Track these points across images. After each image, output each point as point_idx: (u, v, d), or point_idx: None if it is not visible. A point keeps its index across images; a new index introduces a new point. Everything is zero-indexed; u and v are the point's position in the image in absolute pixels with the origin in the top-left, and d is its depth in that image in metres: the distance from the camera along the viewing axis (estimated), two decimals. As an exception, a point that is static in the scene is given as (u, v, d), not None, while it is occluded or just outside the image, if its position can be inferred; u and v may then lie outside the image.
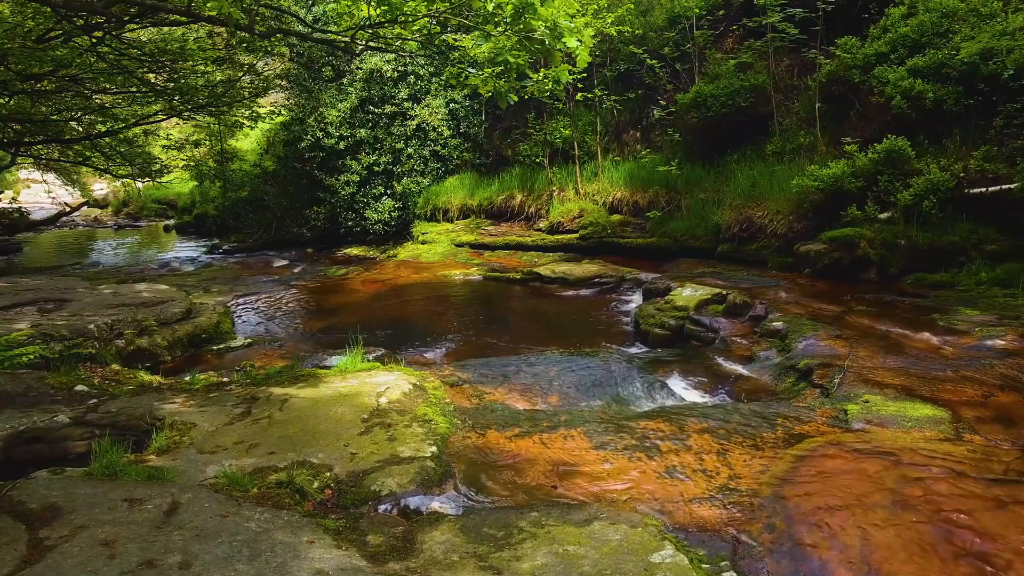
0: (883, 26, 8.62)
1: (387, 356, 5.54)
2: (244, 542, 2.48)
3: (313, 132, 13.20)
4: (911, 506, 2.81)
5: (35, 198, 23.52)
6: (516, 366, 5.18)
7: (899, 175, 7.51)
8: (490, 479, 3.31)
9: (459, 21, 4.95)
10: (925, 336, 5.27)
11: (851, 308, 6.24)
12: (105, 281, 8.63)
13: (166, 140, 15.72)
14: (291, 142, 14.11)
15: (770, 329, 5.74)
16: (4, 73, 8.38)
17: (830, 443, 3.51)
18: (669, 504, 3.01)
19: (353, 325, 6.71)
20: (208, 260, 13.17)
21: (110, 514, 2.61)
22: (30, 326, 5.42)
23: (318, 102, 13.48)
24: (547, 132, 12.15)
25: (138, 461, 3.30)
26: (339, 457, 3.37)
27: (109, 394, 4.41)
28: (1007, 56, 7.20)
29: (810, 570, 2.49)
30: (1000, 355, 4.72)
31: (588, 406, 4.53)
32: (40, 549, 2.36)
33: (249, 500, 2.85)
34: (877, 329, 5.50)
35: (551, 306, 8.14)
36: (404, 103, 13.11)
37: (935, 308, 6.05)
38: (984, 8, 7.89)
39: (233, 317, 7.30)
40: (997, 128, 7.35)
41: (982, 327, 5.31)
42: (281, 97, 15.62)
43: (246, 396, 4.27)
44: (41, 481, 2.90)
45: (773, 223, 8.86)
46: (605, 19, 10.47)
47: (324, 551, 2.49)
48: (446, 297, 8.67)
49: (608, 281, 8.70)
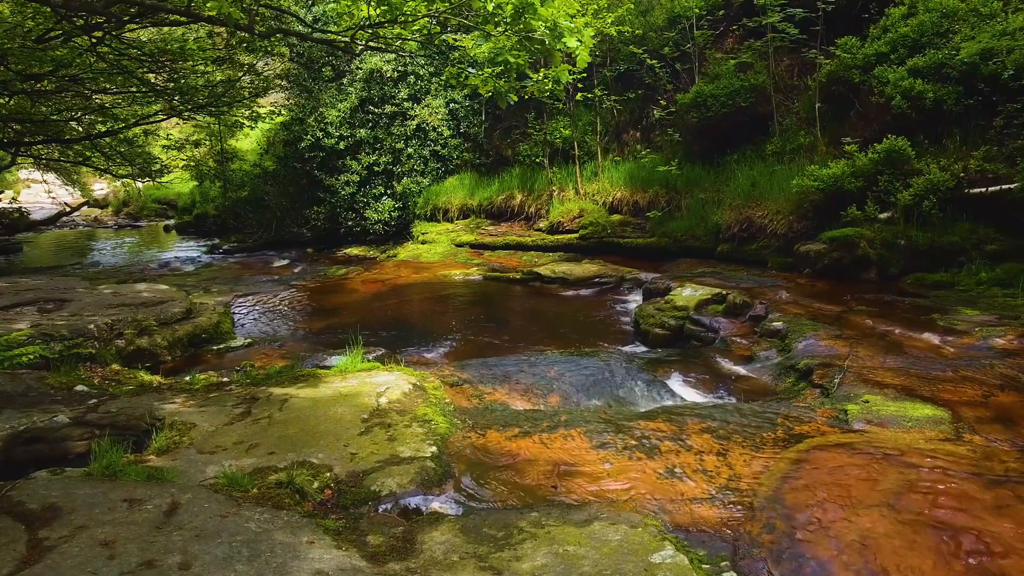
0: (883, 26, 8.61)
1: (387, 356, 5.54)
2: (244, 542, 2.48)
3: (313, 132, 13.20)
4: (911, 506, 2.80)
5: (35, 198, 23.51)
6: (516, 366, 5.18)
7: (899, 175, 7.51)
8: (490, 479, 3.31)
9: (459, 21, 4.95)
10: (925, 336, 5.27)
11: (851, 308, 6.24)
12: (105, 281, 8.63)
13: (166, 140, 15.72)
14: (291, 142, 14.11)
15: (770, 329, 5.74)
16: (4, 73, 8.38)
17: (830, 443, 3.51)
18: (669, 504, 3.01)
19: (353, 325, 6.71)
20: (208, 260, 13.18)
21: (110, 514, 2.61)
22: (30, 326, 5.42)
23: (318, 102, 13.48)
24: (547, 132, 12.15)
25: (138, 461, 3.30)
26: (339, 457, 3.37)
27: (109, 394, 4.41)
28: (1007, 56, 7.20)
29: (810, 570, 2.49)
30: (1000, 355, 4.71)
31: (588, 406, 4.53)
32: (40, 549, 2.35)
33: (249, 500, 2.85)
34: (877, 329, 5.49)
35: (551, 306, 8.14)
36: (404, 103, 13.11)
37: (935, 308, 6.04)
38: (984, 8, 7.89)
39: (233, 317, 7.30)
40: (997, 128, 7.35)
41: (982, 327, 5.31)
42: (281, 97, 15.61)
43: (246, 396, 4.27)
44: (41, 481, 2.90)
45: (773, 223, 8.86)
46: (605, 19, 10.47)
47: (324, 551, 2.49)
48: (446, 297, 8.67)
49: (608, 281, 8.70)
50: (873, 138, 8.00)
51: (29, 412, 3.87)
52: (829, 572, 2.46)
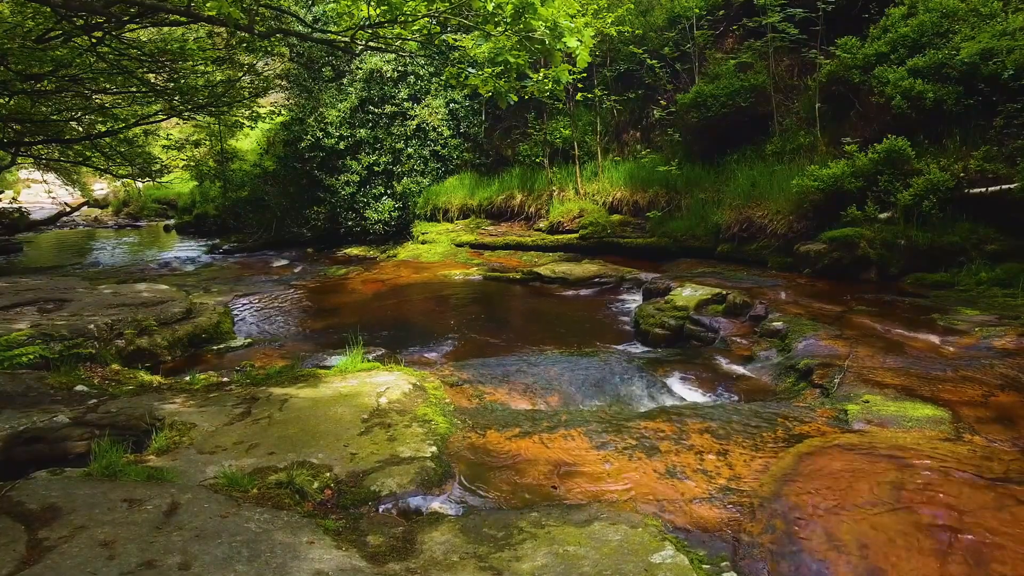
0: (883, 26, 8.61)
1: (387, 356, 5.54)
2: (244, 542, 2.48)
3: (313, 132, 13.20)
4: (911, 506, 2.80)
5: (35, 198, 23.50)
6: (516, 366, 5.17)
7: (899, 175, 7.51)
8: (490, 479, 3.31)
9: (459, 21, 4.95)
10: (925, 336, 5.26)
11: (851, 308, 6.24)
12: (105, 281, 8.63)
13: (166, 140, 15.72)
14: (291, 142, 14.10)
15: (770, 329, 5.73)
16: (4, 73, 8.38)
17: (830, 443, 3.51)
18: (669, 504, 3.01)
19: (353, 325, 6.71)
20: (208, 260, 13.17)
21: (109, 515, 2.60)
22: (30, 326, 5.42)
23: (318, 102, 13.48)
24: (547, 132, 12.15)
25: (138, 461, 3.29)
26: (339, 457, 3.37)
27: (109, 394, 4.41)
28: (1007, 56, 7.20)
29: (810, 571, 2.48)
30: (1000, 355, 4.71)
31: (588, 406, 4.53)
32: (39, 550, 2.35)
33: (249, 500, 2.85)
34: (877, 329, 5.49)
35: (551, 306, 8.13)
36: (404, 103, 13.11)
37: (935, 308, 6.04)
38: (984, 8, 7.88)
39: (233, 317, 7.30)
40: (997, 128, 7.35)
41: (982, 327, 5.31)
42: (281, 97, 15.60)
43: (246, 396, 4.27)
44: (40, 481, 2.89)
45: (773, 223, 8.86)
46: (605, 19, 10.47)
47: (324, 551, 2.48)
48: (446, 297, 8.67)
49: (608, 281, 8.69)
50: (873, 138, 8.00)
51: (29, 412, 3.87)
52: (829, 572, 2.46)
